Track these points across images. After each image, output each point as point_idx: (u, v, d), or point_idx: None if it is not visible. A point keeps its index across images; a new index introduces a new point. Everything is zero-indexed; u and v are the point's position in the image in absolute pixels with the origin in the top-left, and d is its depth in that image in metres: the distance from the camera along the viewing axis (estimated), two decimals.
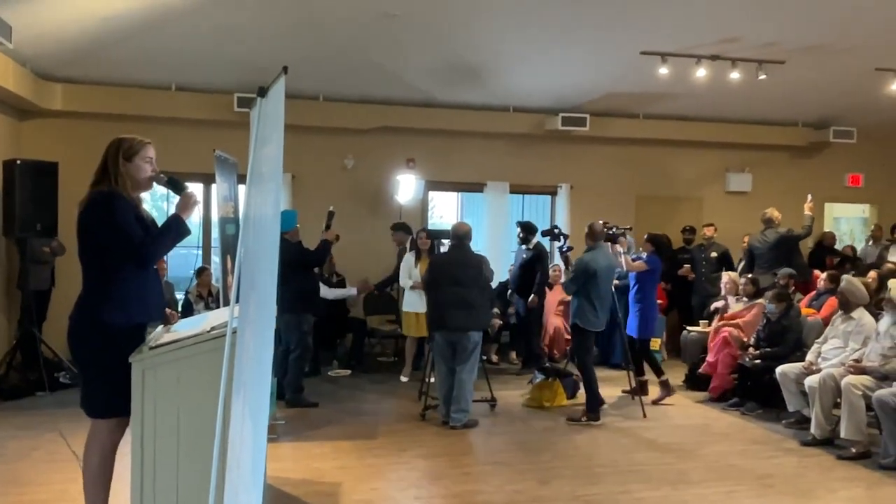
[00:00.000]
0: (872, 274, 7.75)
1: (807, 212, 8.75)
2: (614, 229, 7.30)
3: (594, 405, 6.67)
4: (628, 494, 4.92)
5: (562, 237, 7.46)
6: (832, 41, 7.63)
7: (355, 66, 8.36)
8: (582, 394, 7.56)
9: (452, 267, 6.51)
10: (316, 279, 7.67)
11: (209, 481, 3.17)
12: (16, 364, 7.51)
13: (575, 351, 6.99)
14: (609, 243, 7.17)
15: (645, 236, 7.70)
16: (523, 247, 8.81)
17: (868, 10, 6.86)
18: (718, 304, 8.14)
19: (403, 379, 8.18)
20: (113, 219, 3.42)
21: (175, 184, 3.68)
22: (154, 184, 3.69)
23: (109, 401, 3.48)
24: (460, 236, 6.62)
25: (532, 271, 8.61)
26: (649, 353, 7.55)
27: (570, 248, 7.21)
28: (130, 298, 3.48)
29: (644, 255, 7.53)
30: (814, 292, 8.16)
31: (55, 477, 4.92)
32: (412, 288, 8.03)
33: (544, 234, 7.78)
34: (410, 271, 8.10)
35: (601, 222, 6.98)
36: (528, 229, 8.74)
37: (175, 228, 3.57)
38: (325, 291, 8.63)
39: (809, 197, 8.86)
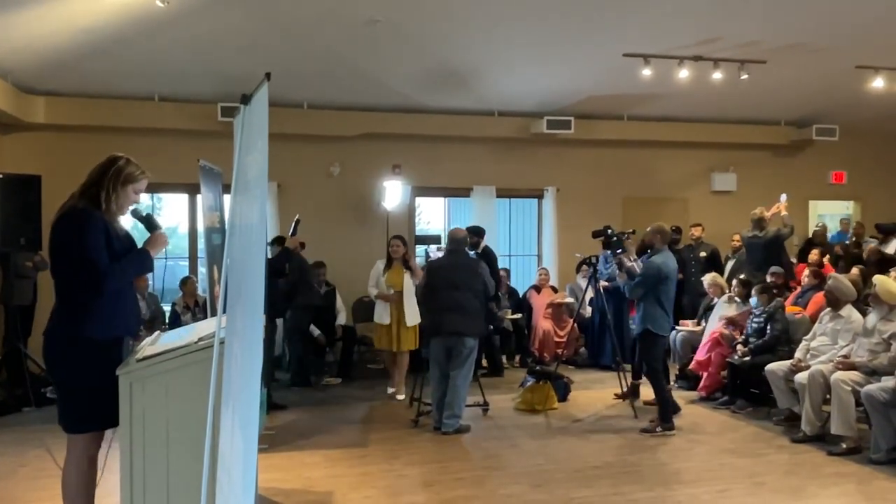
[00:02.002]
0: (855, 270, 7.80)
1: (783, 212, 8.84)
2: (610, 231, 7.14)
3: (667, 414, 6.43)
4: (622, 496, 4.92)
5: (615, 238, 7.10)
6: (812, 40, 7.70)
7: (339, 73, 8.35)
8: (573, 396, 7.61)
9: (449, 271, 6.52)
10: (276, 286, 7.54)
11: (200, 493, 3.14)
12: (1, 380, 7.43)
13: (645, 357, 6.58)
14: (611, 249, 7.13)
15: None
16: (472, 252, 8.63)
17: (847, 8, 6.93)
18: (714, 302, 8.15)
19: (399, 397, 7.65)
20: (81, 239, 3.38)
21: (150, 221, 3.71)
22: (131, 216, 3.71)
23: (85, 415, 3.45)
24: (458, 241, 6.65)
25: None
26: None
27: (623, 251, 7.03)
28: (108, 313, 3.45)
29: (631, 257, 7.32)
30: (798, 289, 8.21)
31: (43, 494, 4.86)
32: (377, 297, 7.67)
33: (595, 235, 7.34)
34: (378, 280, 7.67)
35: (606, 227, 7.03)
36: (476, 233, 8.56)
37: (141, 261, 3.58)
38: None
39: (784, 198, 8.93)
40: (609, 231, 7.15)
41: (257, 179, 3.07)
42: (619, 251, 6.97)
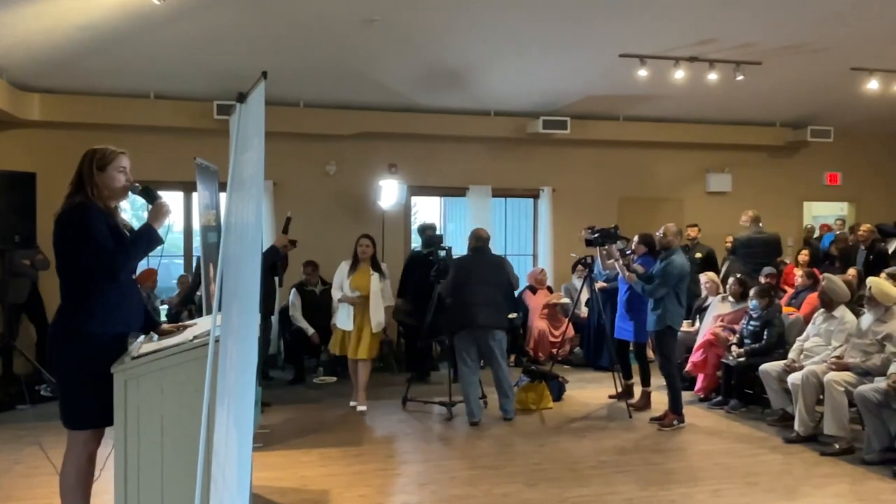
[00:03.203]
0: (851, 271, 7.82)
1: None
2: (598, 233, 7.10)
3: (679, 406, 6.59)
4: (616, 495, 4.93)
5: (621, 240, 7.11)
6: (808, 41, 7.72)
7: (335, 72, 8.35)
8: (568, 396, 7.63)
9: (479, 267, 6.82)
10: (269, 284, 7.35)
11: (194, 491, 3.14)
12: None
13: (665, 352, 6.65)
14: (599, 247, 7.16)
15: (635, 238, 7.43)
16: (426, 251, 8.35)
17: (842, 10, 6.95)
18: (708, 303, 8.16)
19: (361, 408, 7.08)
20: (84, 231, 3.39)
21: (148, 193, 3.68)
22: (130, 193, 3.69)
23: (86, 412, 3.46)
24: (485, 239, 7.01)
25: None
26: (645, 359, 7.36)
27: (631, 252, 7.08)
28: (109, 308, 3.46)
29: (635, 257, 7.26)
30: (792, 290, 8.24)
31: (37, 492, 4.86)
32: (341, 301, 7.06)
33: (602, 235, 7.24)
34: (342, 282, 7.09)
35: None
36: (432, 230, 8.38)
37: (146, 238, 3.57)
38: (298, 318, 8.60)
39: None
40: (615, 230, 7.18)
41: (253, 178, 3.06)
42: (629, 252, 7.04)
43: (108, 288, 3.46)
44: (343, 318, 7.04)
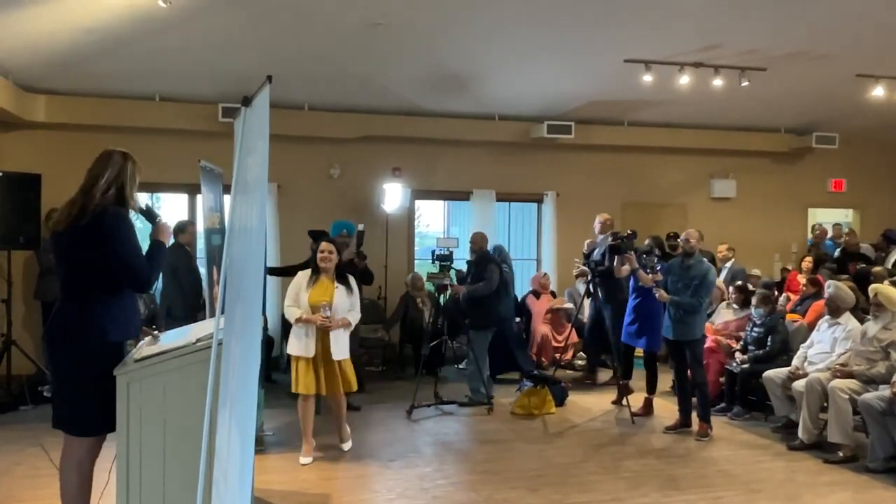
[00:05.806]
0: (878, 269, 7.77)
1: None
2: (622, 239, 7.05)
3: (709, 414, 6.52)
4: (617, 502, 4.92)
5: (655, 254, 7.07)
6: (813, 48, 7.71)
7: (340, 76, 8.35)
8: (571, 401, 7.61)
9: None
10: None
11: (196, 494, 3.14)
12: None
13: (700, 363, 6.55)
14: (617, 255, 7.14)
15: (647, 240, 7.37)
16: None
17: (848, 16, 6.93)
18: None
19: (345, 446, 5.97)
20: (128, 240, 3.42)
21: (150, 213, 3.77)
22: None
23: (96, 418, 3.44)
24: (487, 240, 7.87)
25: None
26: (654, 367, 7.28)
27: (657, 263, 6.92)
28: (124, 314, 3.46)
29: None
30: (797, 297, 8.21)
31: (39, 493, 4.86)
32: (298, 321, 5.56)
33: (613, 251, 7.22)
34: (299, 296, 5.66)
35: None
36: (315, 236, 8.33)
37: (162, 255, 3.67)
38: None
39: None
40: (629, 237, 7.16)
41: (257, 181, 3.07)
42: (659, 268, 6.89)
43: (126, 294, 3.50)
44: (298, 344, 5.58)
